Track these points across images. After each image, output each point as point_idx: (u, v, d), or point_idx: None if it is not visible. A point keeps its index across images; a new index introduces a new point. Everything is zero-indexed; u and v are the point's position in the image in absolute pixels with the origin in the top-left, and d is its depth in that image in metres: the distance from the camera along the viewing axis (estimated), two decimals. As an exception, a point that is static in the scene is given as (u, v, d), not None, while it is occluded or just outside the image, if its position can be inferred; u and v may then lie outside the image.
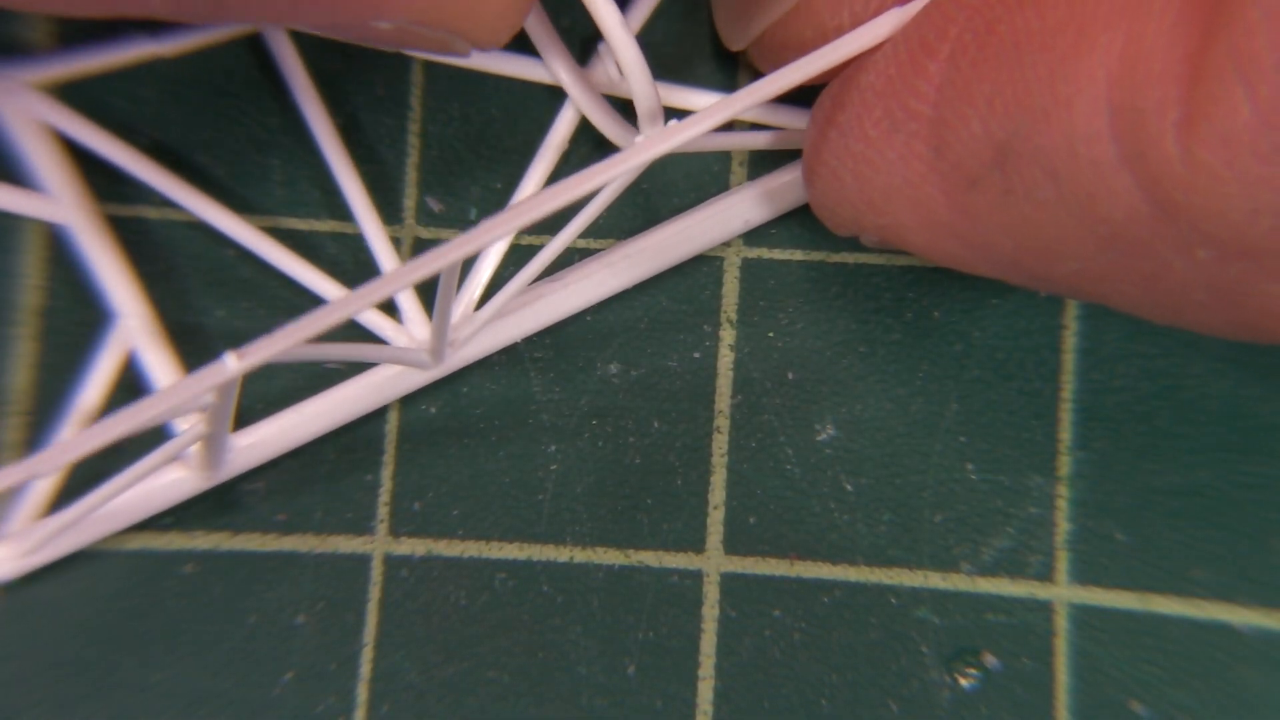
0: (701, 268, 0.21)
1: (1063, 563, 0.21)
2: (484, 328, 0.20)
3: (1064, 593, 0.20)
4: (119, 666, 0.20)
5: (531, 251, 0.19)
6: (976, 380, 0.21)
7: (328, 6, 0.15)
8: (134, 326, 0.19)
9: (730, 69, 0.21)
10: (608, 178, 0.16)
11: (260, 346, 0.14)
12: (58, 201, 0.19)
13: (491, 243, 0.16)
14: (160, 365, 0.19)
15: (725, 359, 0.21)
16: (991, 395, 0.21)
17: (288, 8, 0.15)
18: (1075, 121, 0.14)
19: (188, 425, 0.18)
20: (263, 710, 0.20)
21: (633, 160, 0.16)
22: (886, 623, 0.20)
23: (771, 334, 0.21)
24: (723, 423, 0.21)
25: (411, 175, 0.21)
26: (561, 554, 0.20)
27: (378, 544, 0.20)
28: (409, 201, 0.21)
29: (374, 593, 0.20)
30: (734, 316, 0.21)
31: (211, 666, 0.20)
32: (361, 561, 0.20)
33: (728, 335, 0.21)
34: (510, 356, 0.21)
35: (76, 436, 0.14)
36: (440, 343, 0.19)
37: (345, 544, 0.20)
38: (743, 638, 0.20)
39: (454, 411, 0.21)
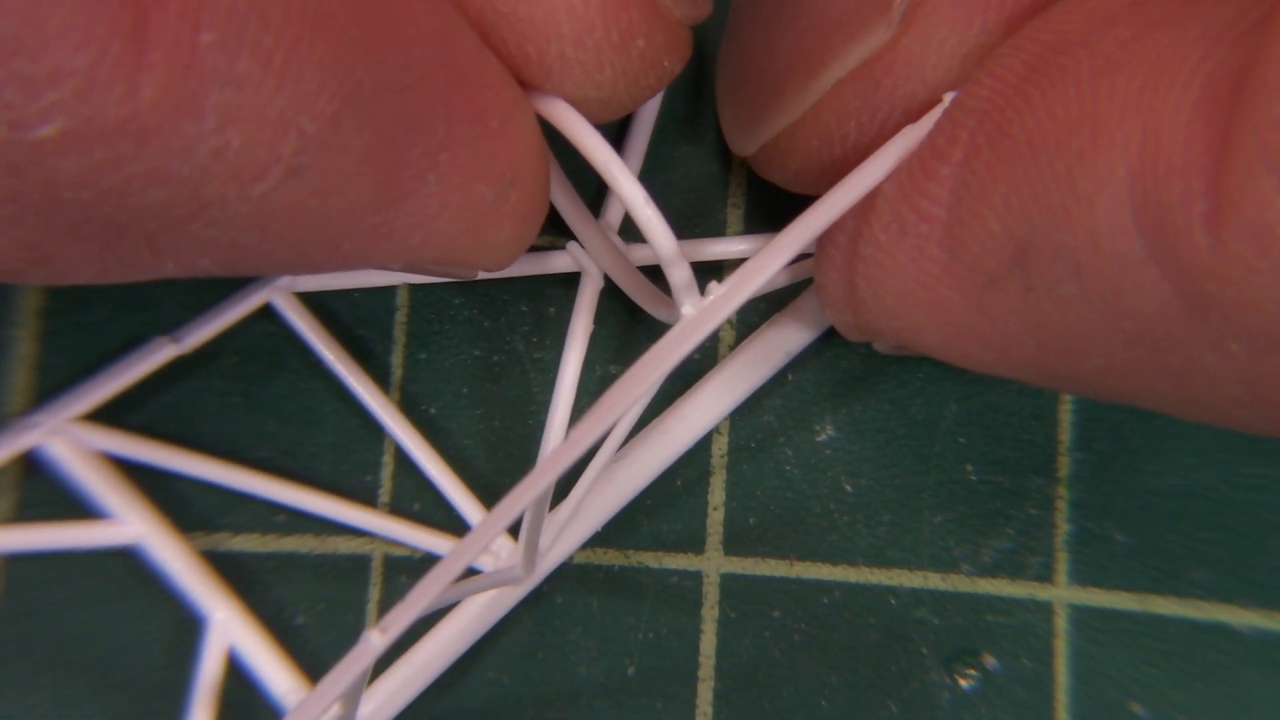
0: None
1: (1062, 564, 0.21)
2: (566, 528, 0.20)
3: (1063, 594, 0.20)
4: (118, 668, 0.20)
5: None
6: (976, 380, 0.21)
7: (343, 260, 0.15)
8: (229, 625, 0.19)
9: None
10: (676, 359, 0.16)
11: (396, 615, 0.14)
12: (126, 524, 0.19)
13: (582, 452, 0.15)
14: (262, 657, 0.19)
15: (725, 360, 0.21)
16: (991, 396, 0.21)
17: (302, 261, 0.15)
18: (1098, 217, 0.14)
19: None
20: (263, 711, 0.20)
21: (699, 333, 0.16)
22: (886, 623, 0.20)
23: (771, 335, 0.21)
24: (723, 423, 0.21)
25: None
26: (561, 554, 0.20)
27: (377, 545, 0.20)
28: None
29: (374, 593, 0.20)
30: (733, 318, 0.21)
31: (212, 667, 0.20)
32: (361, 562, 0.20)
33: (727, 336, 0.21)
34: (510, 357, 0.21)
35: None
36: (531, 558, 0.18)
37: (345, 545, 0.20)
38: (743, 638, 0.20)
39: (452, 413, 0.21)
